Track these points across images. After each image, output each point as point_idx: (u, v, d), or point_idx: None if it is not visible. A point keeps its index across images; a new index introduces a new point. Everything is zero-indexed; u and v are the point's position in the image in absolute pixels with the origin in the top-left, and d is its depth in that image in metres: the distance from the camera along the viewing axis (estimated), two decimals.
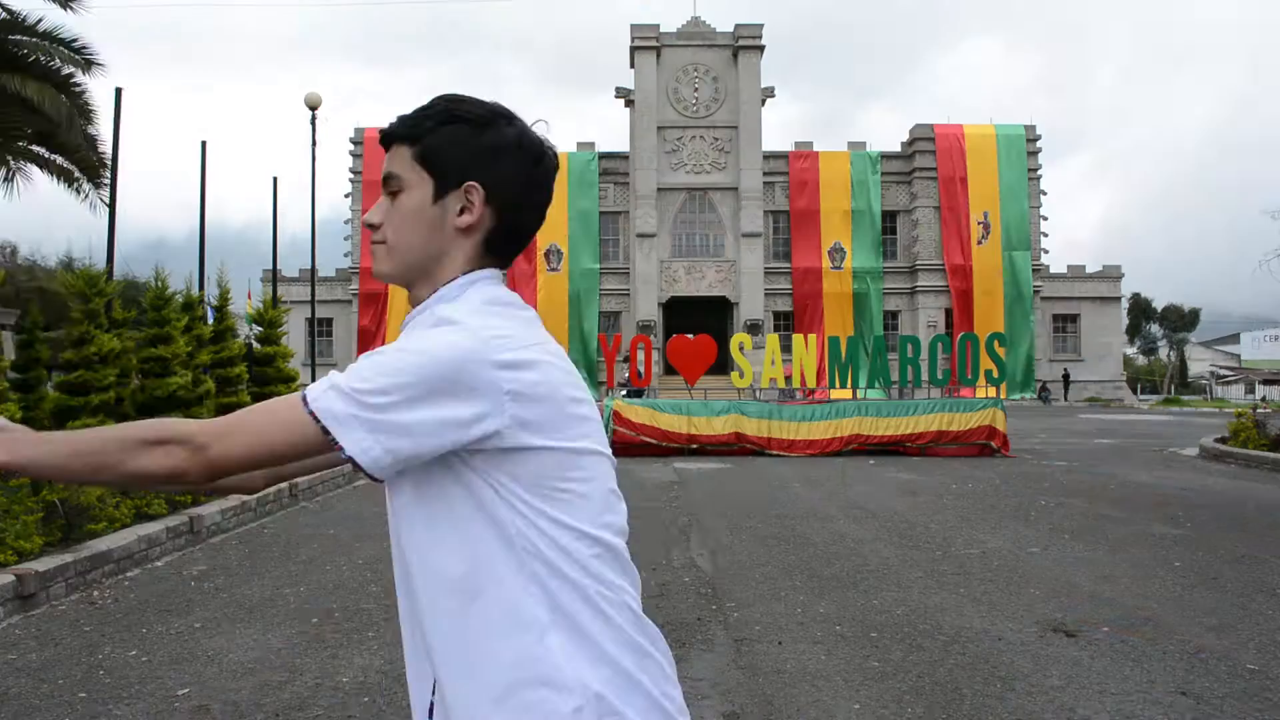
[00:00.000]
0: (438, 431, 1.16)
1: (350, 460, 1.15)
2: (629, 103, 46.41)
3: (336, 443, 1.14)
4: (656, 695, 1.24)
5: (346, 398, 1.14)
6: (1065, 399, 45.07)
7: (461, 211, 1.28)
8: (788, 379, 18.22)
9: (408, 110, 1.32)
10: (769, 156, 46.53)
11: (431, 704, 1.24)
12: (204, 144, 17.79)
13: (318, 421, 1.14)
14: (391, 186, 1.28)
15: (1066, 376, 46.08)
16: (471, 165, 1.27)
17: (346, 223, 47.44)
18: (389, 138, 1.30)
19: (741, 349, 18.49)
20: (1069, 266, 48.96)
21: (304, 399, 1.15)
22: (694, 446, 15.81)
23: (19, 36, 13.82)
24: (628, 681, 1.22)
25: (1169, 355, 75.19)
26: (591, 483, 1.26)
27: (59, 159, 15.12)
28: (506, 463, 1.20)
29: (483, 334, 1.19)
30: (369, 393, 1.14)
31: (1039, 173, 47.12)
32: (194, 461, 1.13)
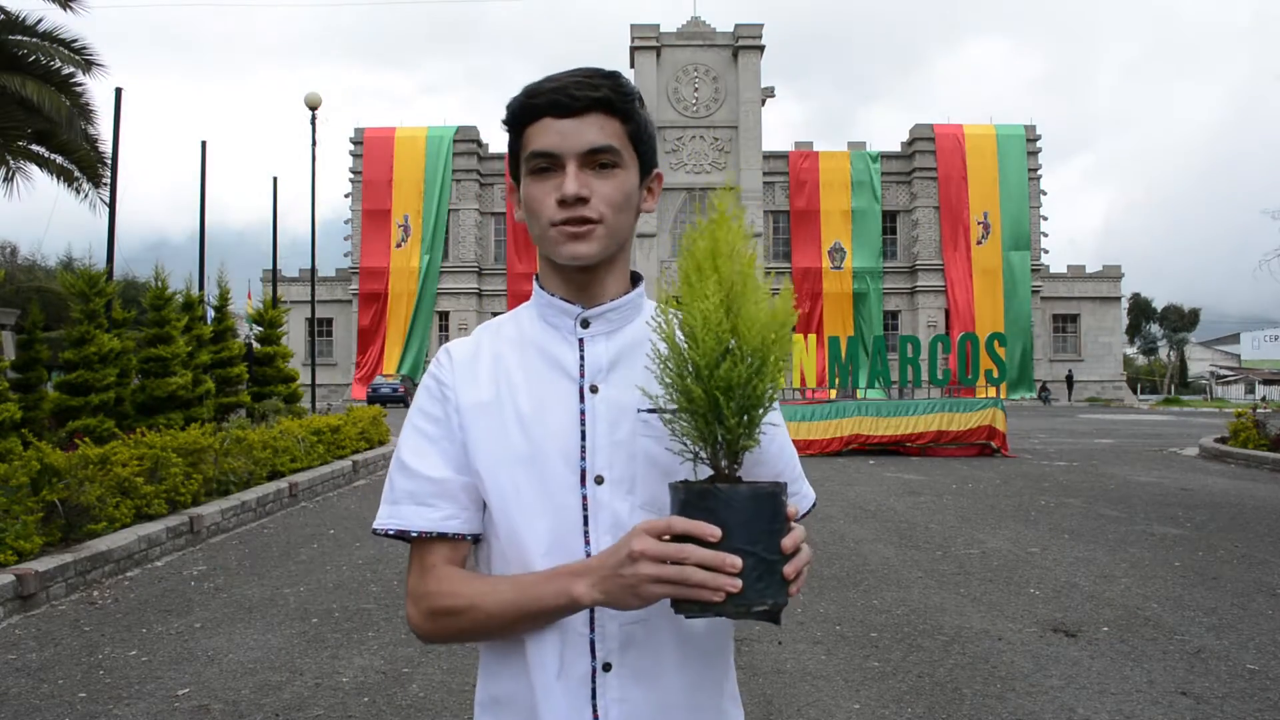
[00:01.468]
0: None
1: None
2: None
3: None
4: None
5: None
6: (1069, 399, 45.08)
7: (645, 198, 1.22)
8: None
9: (580, 75, 1.14)
10: (769, 156, 46.57)
11: None
12: (204, 144, 17.83)
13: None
14: (605, 159, 1.13)
15: (1070, 377, 46.09)
16: (655, 152, 1.23)
17: (346, 222, 47.44)
18: (594, 103, 1.12)
19: None
20: (1069, 266, 48.99)
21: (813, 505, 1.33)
22: None
23: (19, 37, 13.83)
24: None
25: (1169, 355, 75.16)
26: None
27: (59, 159, 15.14)
28: None
29: None
30: None
31: (1039, 173, 47.15)
32: None
